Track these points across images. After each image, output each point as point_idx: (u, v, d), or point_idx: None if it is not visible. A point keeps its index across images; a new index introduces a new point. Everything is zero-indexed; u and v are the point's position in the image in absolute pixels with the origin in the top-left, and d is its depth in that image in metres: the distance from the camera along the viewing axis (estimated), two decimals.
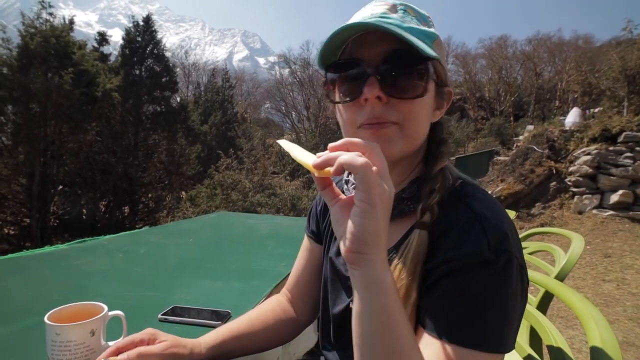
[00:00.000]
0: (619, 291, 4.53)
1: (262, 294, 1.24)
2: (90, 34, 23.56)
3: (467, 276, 0.52)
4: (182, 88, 29.92)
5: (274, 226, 2.53)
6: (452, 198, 0.60)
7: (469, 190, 0.61)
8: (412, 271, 0.56)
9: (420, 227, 0.58)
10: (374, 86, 0.57)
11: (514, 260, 0.53)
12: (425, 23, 0.62)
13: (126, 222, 12.37)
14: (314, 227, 0.90)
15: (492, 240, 0.53)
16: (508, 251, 0.53)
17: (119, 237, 2.03)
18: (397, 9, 0.61)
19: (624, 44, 13.28)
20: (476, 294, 0.52)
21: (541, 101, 26.89)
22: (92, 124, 10.75)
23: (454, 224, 0.56)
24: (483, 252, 0.52)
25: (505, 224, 0.55)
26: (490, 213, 0.56)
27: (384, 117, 0.59)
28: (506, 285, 0.52)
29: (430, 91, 0.61)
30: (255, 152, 10.25)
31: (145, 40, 13.43)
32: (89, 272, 1.41)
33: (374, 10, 0.61)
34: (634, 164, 6.87)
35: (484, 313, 0.51)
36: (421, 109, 0.60)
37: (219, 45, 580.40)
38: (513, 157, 8.83)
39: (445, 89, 0.65)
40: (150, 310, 1.05)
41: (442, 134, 0.68)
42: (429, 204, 0.58)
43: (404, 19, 0.59)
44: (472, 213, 0.56)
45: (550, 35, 27.89)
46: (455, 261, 0.53)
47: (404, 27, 0.57)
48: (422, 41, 0.57)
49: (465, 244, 0.54)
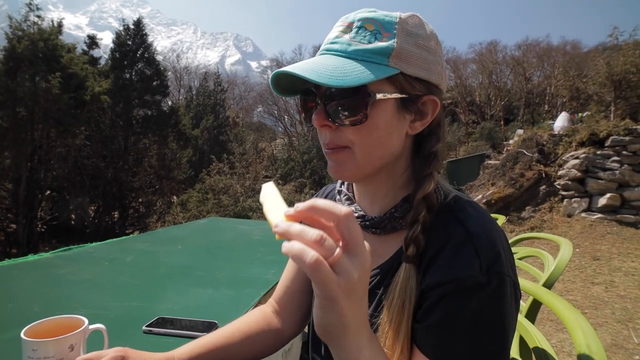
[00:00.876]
0: (607, 294, 4.59)
1: (250, 303, 1.22)
2: (80, 36, 23.37)
3: (461, 301, 0.53)
4: (174, 92, 29.76)
5: (264, 232, 2.51)
6: (443, 213, 0.60)
7: (460, 205, 0.61)
8: (401, 307, 0.56)
9: (406, 260, 0.58)
10: (320, 115, 0.60)
11: (506, 280, 0.53)
12: (388, 33, 0.58)
13: (116, 227, 12.20)
14: None
15: (484, 261, 0.53)
16: (500, 272, 0.53)
17: (105, 245, 1.99)
18: (353, 27, 0.60)
19: (610, 50, 13.58)
20: (470, 320, 0.52)
21: (531, 105, 27.30)
22: (81, 128, 10.59)
23: (446, 242, 0.56)
24: (475, 275, 0.52)
25: (497, 242, 0.55)
26: (483, 231, 0.56)
27: (335, 142, 0.60)
28: (500, 307, 0.53)
29: (384, 111, 0.58)
30: (247, 157, 10.21)
31: (136, 43, 13.33)
32: (73, 281, 1.38)
33: (332, 33, 0.62)
34: (621, 168, 6.99)
35: (479, 338, 0.52)
36: (368, 133, 0.59)
37: (211, 49, 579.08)
38: (503, 161, 8.93)
39: (424, 98, 0.61)
40: (135, 322, 1.03)
41: (433, 146, 0.64)
42: (413, 237, 0.57)
43: (354, 39, 0.59)
44: (465, 231, 0.56)
45: (539, 40, 28.39)
46: (448, 285, 0.53)
47: (348, 52, 0.58)
48: (368, 62, 0.57)
49: (457, 266, 0.53)
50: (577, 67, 19.75)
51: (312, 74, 0.54)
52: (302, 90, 0.64)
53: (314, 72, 0.55)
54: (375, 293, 0.63)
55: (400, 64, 0.58)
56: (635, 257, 5.66)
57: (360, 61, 0.57)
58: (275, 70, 0.59)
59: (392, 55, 0.57)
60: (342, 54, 0.58)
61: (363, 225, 0.67)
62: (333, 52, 0.59)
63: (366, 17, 0.60)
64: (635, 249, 5.94)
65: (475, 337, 0.52)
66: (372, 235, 0.68)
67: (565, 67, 20.56)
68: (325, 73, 0.54)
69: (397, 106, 0.60)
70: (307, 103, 0.64)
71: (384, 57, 0.57)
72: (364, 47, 0.58)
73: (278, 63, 31.35)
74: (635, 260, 5.52)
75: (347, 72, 0.55)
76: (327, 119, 0.59)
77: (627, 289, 4.64)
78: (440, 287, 0.54)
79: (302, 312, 0.86)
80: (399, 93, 0.59)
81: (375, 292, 0.63)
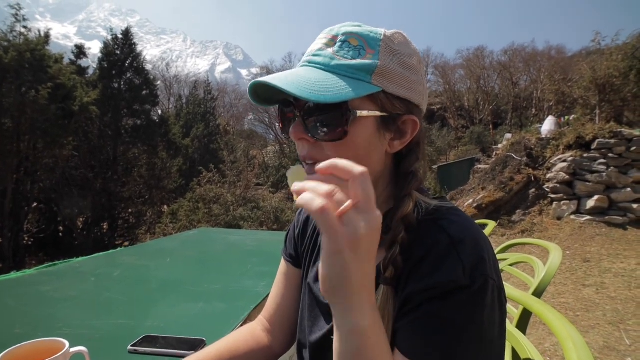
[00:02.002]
0: (598, 295, 4.63)
1: (239, 317, 1.20)
2: (68, 46, 23.16)
3: (442, 302, 0.52)
4: (164, 101, 29.63)
5: (255, 242, 2.49)
6: (426, 222, 0.59)
7: (442, 213, 0.60)
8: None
9: (385, 282, 0.57)
10: (298, 128, 0.59)
11: (489, 282, 0.53)
12: (372, 50, 0.58)
13: (105, 238, 12.00)
14: (292, 250, 0.87)
15: (467, 265, 0.52)
16: (484, 274, 0.52)
17: (92, 259, 1.95)
18: (337, 41, 0.59)
19: (594, 54, 13.91)
20: (450, 319, 0.51)
21: (518, 109, 27.75)
22: (69, 138, 10.44)
23: (429, 248, 0.55)
24: (458, 278, 0.51)
25: (481, 247, 0.55)
26: (466, 237, 0.55)
27: (311, 156, 0.60)
28: (481, 308, 0.52)
29: (364, 129, 0.58)
30: (238, 165, 10.16)
31: (124, 53, 13.25)
32: (57, 299, 1.34)
33: (315, 45, 0.61)
34: (608, 170, 7.11)
35: (458, 337, 0.51)
36: (347, 150, 0.57)
37: (200, 57, 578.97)
38: (493, 165, 9.02)
39: (404, 118, 0.61)
40: (121, 341, 1.00)
41: (412, 165, 0.63)
42: (390, 258, 0.56)
43: (337, 53, 0.57)
44: (448, 237, 0.55)
45: (524, 46, 29.00)
46: (430, 290, 0.53)
47: (330, 66, 0.57)
48: (350, 78, 0.56)
49: (441, 271, 0.53)
50: (562, 72, 20.17)
51: (291, 87, 0.53)
52: (281, 100, 0.63)
53: (293, 85, 0.53)
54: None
55: (382, 82, 0.57)
56: (624, 258, 5.74)
57: (342, 76, 0.56)
58: (253, 80, 0.58)
59: (375, 73, 0.57)
60: (324, 68, 0.57)
61: None
62: (315, 64, 0.58)
63: (351, 32, 0.59)
64: (624, 250, 6.03)
65: (456, 338, 0.51)
66: None
67: (551, 72, 21.00)
68: (306, 87, 0.53)
69: (377, 124, 0.59)
70: (286, 114, 0.63)
71: (367, 74, 0.56)
72: (347, 62, 0.57)
73: (268, 71, 31.43)
74: (625, 261, 5.60)
75: (328, 87, 0.54)
76: (305, 133, 0.58)
77: (618, 290, 4.69)
78: (423, 292, 0.53)
79: (292, 329, 0.84)
80: (379, 111, 0.58)
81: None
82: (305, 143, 0.60)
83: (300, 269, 0.84)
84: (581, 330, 3.75)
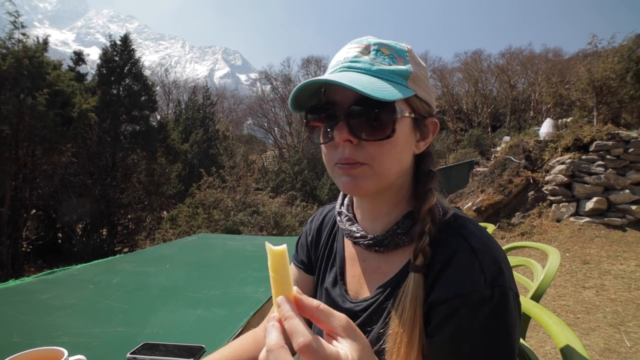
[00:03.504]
0: (598, 297, 4.62)
1: (239, 324, 1.19)
2: (66, 52, 23.06)
3: (469, 316, 0.55)
4: (162, 106, 29.67)
5: (255, 248, 2.48)
6: (446, 230, 0.63)
7: (462, 222, 0.64)
8: (412, 317, 0.58)
9: (415, 270, 0.60)
10: (343, 130, 0.60)
11: (509, 292, 0.56)
12: (402, 59, 0.63)
13: (104, 245, 11.95)
14: (304, 257, 0.88)
15: (488, 276, 0.55)
16: (503, 285, 0.56)
17: (91, 266, 1.94)
18: (370, 50, 0.63)
19: (590, 57, 13.98)
20: (480, 334, 0.54)
21: (516, 112, 27.84)
22: (68, 145, 10.43)
23: (451, 257, 0.59)
24: (481, 289, 0.55)
25: (499, 258, 0.58)
26: (486, 248, 0.59)
27: (353, 158, 0.62)
28: (505, 318, 0.55)
29: (404, 128, 0.62)
30: (237, 170, 10.15)
31: (123, 59, 13.27)
32: (56, 307, 1.33)
33: (347, 53, 0.64)
34: (606, 172, 7.12)
35: (489, 350, 0.54)
36: (390, 148, 0.62)
37: (199, 62, 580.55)
38: (491, 168, 9.04)
39: (428, 120, 0.67)
40: (120, 349, 1.00)
41: (430, 165, 0.69)
42: (421, 248, 0.60)
43: (375, 60, 0.62)
44: (470, 247, 0.59)
45: (521, 49, 29.13)
46: (456, 299, 0.55)
47: (372, 71, 0.61)
48: (391, 82, 0.60)
49: (465, 281, 0.56)
50: (559, 74, 20.26)
51: (358, 85, 0.56)
52: (313, 107, 0.65)
53: (357, 83, 0.57)
54: (384, 307, 0.65)
55: (414, 86, 0.63)
56: (623, 259, 5.73)
57: (384, 80, 0.61)
58: (307, 81, 0.60)
59: (410, 78, 0.63)
60: (367, 72, 0.61)
61: (366, 244, 0.70)
62: (356, 69, 0.62)
63: (381, 42, 0.64)
64: (623, 251, 6.02)
65: (485, 349, 0.54)
66: (375, 254, 0.71)
67: (548, 74, 21.09)
68: (368, 86, 0.57)
69: (411, 125, 0.64)
70: (309, 122, 0.66)
71: (403, 79, 0.62)
72: (387, 67, 0.62)
73: (267, 75, 31.54)
74: (624, 263, 5.60)
75: (381, 88, 0.58)
76: (350, 134, 0.60)
77: (618, 292, 4.69)
78: (448, 301, 0.56)
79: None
80: (413, 113, 0.64)
81: (384, 306, 0.65)
82: (348, 145, 0.62)
83: (312, 275, 0.85)
84: (582, 332, 3.74)
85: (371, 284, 0.70)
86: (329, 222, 0.86)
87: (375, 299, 0.67)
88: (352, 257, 0.76)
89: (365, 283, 0.71)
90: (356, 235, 0.71)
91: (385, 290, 0.66)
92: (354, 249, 0.76)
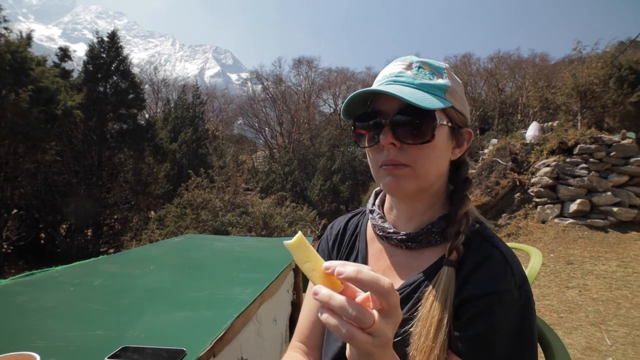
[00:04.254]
0: (581, 297, 4.72)
1: (222, 326, 1.17)
2: (52, 48, 22.46)
3: (501, 314, 0.61)
4: (151, 105, 29.25)
5: (242, 249, 2.46)
6: (476, 237, 0.70)
7: (489, 232, 0.72)
8: (444, 304, 0.63)
9: (448, 264, 0.66)
10: (388, 134, 0.68)
11: (530, 295, 0.64)
12: (440, 75, 0.72)
13: (90, 245, 11.71)
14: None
15: (518, 280, 0.63)
16: (527, 289, 0.64)
17: (71, 268, 1.90)
18: (413, 67, 0.72)
19: (575, 62, 14.28)
20: (510, 332, 0.61)
21: (504, 115, 28.26)
22: (52, 143, 10.19)
23: (484, 260, 0.65)
24: (513, 290, 0.62)
25: (521, 267, 0.66)
26: (514, 257, 0.67)
27: (397, 159, 0.69)
28: (530, 318, 0.63)
29: (442, 135, 0.70)
30: (226, 170, 10.07)
31: (110, 56, 13.03)
32: (33, 310, 1.30)
33: (393, 69, 0.73)
34: (589, 175, 7.29)
35: (519, 347, 0.61)
36: (430, 152, 0.69)
37: (189, 61, 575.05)
38: (479, 170, 9.15)
39: (463, 129, 0.74)
40: (98, 353, 0.97)
41: (466, 173, 0.77)
42: (456, 245, 0.67)
43: (417, 75, 0.71)
44: (502, 254, 0.66)
45: (510, 53, 29.57)
46: (490, 296, 0.62)
47: (415, 84, 0.69)
48: (431, 94, 0.68)
49: (500, 281, 0.63)
50: (546, 79, 20.63)
51: (404, 95, 0.64)
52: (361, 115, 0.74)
53: (403, 94, 0.65)
54: (411, 297, 0.69)
55: (451, 99, 0.71)
56: (605, 260, 5.87)
57: (425, 92, 0.68)
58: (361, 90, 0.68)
59: (448, 92, 0.71)
60: (410, 85, 0.70)
61: (399, 239, 0.75)
62: (400, 83, 0.70)
63: (422, 60, 0.73)
64: (605, 252, 6.16)
65: (515, 347, 0.60)
66: (404, 251, 0.76)
67: (535, 79, 21.47)
68: (412, 96, 0.65)
69: (448, 133, 0.72)
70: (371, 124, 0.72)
71: (442, 92, 0.70)
72: (428, 82, 0.70)
73: (258, 75, 31.39)
74: (606, 263, 5.73)
75: (423, 99, 0.66)
76: (394, 138, 0.68)
77: (599, 292, 4.79)
78: (483, 298, 0.62)
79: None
80: (450, 122, 0.71)
81: (410, 297, 0.69)
82: (392, 147, 0.69)
83: None
84: (565, 331, 3.81)
85: (399, 277, 0.75)
86: (352, 225, 0.92)
87: (402, 290, 0.71)
88: (378, 253, 0.81)
89: (393, 276, 0.76)
90: (389, 231, 0.77)
91: (414, 282, 0.71)
92: (381, 246, 0.81)
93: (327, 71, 32.64)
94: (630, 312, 4.14)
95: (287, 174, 19.10)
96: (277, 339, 1.71)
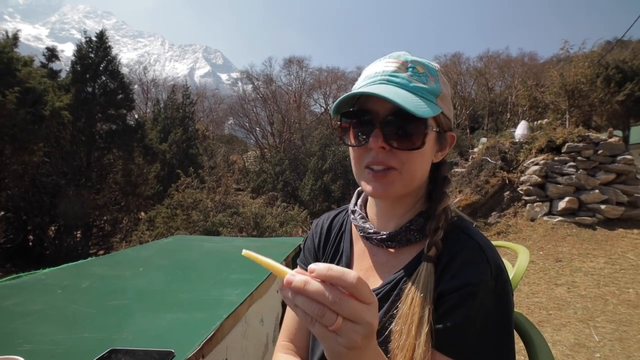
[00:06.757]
0: (569, 294, 4.79)
1: (211, 327, 1.17)
2: (39, 48, 22.08)
3: (478, 304, 0.61)
4: (141, 105, 28.94)
5: (232, 249, 2.45)
6: (453, 229, 0.70)
7: (466, 224, 0.72)
8: (424, 300, 0.63)
9: (427, 260, 0.66)
10: (378, 137, 0.67)
11: (507, 283, 0.65)
12: (433, 78, 0.71)
13: (79, 247, 11.54)
14: (311, 259, 0.90)
15: (493, 269, 0.63)
16: (504, 278, 0.64)
17: (59, 270, 1.87)
18: (407, 67, 0.70)
19: (563, 61, 14.50)
20: (488, 320, 0.61)
21: (494, 114, 28.59)
22: (39, 144, 10.00)
23: (459, 251, 0.66)
24: (488, 280, 0.62)
25: (498, 256, 0.66)
26: (490, 246, 0.67)
27: (385, 162, 0.69)
28: (507, 305, 0.63)
29: (430, 140, 0.70)
30: (217, 170, 10.00)
31: (98, 56, 12.84)
32: (19, 313, 1.28)
33: (385, 67, 0.70)
34: (577, 172, 7.40)
35: (496, 334, 0.61)
36: (418, 157, 0.69)
37: (179, 61, 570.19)
38: (469, 168, 9.24)
39: (447, 134, 0.74)
40: (85, 356, 0.96)
41: (445, 172, 0.78)
42: (435, 241, 0.67)
43: (412, 77, 0.69)
44: (477, 244, 0.66)
45: (499, 52, 30.00)
46: (466, 287, 0.62)
47: (409, 87, 0.67)
48: (425, 99, 0.67)
49: (475, 271, 0.63)
50: (534, 78, 20.94)
51: (402, 101, 0.63)
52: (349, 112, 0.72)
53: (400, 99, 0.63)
54: (390, 295, 0.69)
55: (442, 104, 0.70)
56: (593, 257, 5.97)
57: (419, 97, 0.67)
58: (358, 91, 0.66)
59: (439, 97, 0.70)
60: (404, 88, 0.67)
61: (379, 239, 0.75)
62: (395, 84, 0.68)
63: (415, 60, 0.71)
64: (593, 249, 6.27)
65: (492, 336, 0.61)
66: (385, 250, 0.77)
67: (524, 78, 21.74)
68: (408, 102, 0.63)
69: (435, 138, 0.72)
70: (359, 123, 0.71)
71: (434, 97, 0.69)
72: (422, 85, 0.69)
73: (248, 75, 31.25)
74: (594, 261, 5.82)
75: (418, 104, 0.65)
76: (385, 142, 0.67)
77: (587, 289, 4.87)
78: (459, 289, 0.62)
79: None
80: (438, 127, 0.71)
81: (390, 295, 0.69)
82: (381, 151, 0.68)
83: None
84: (553, 328, 3.87)
85: (379, 276, 0.75)
86: (337, 224, 0.92)
87: (382, 289, 0.71)
88: (362, 253, 0.82)
89: (374, 275, 0.76)
90: (369, 232, 0.77)
91: (392, 280, 0.71)
92: (365, 246, 0.82)
93: (318, 71, 32.67)
94: (617, 309, 4.22)
95: (278, 173, 19.05)
96: (262, 339, 1.71)
